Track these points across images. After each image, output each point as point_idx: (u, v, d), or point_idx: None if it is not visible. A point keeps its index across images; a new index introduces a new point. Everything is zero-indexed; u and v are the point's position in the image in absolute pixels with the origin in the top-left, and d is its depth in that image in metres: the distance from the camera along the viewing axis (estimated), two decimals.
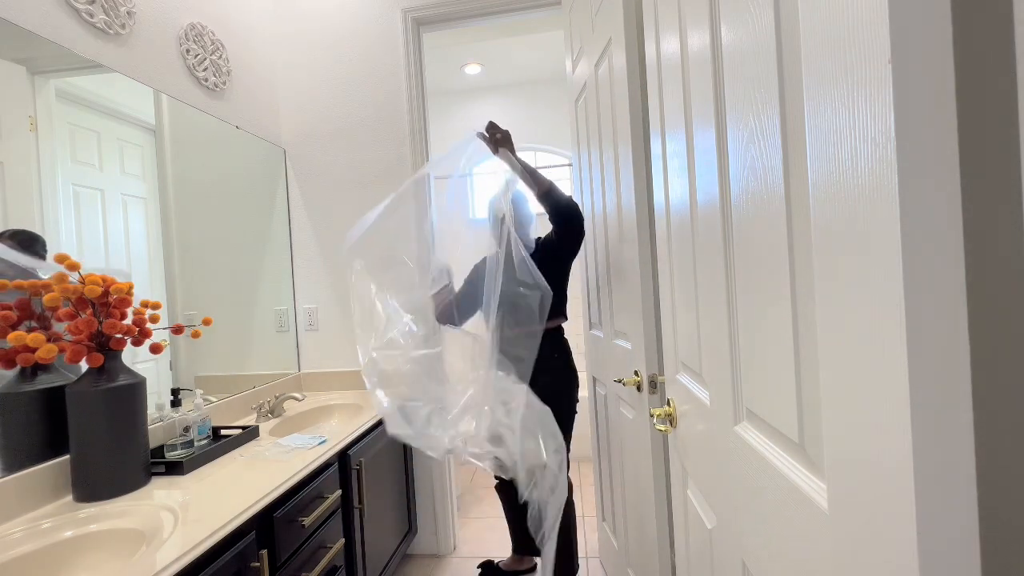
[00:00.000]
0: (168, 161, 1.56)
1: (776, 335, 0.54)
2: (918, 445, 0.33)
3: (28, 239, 1.12)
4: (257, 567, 1.00)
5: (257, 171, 2.01)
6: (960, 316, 0.32)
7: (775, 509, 0.56)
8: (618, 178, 1.36)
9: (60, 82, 1.23)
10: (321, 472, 1.31)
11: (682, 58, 0.80)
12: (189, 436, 1.28)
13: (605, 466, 1.85)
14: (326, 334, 2.15)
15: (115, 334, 1.11)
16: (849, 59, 0.37)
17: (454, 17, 2.08)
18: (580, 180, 1.90)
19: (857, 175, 0.37)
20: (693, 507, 0.91)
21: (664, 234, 0.98)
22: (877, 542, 0.38)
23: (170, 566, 0.80)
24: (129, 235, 1.41)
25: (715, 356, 0.73)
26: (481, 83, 3.98)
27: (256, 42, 2.03)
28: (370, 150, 2.10)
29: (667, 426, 1.01)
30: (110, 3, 1.34)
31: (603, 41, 1.40)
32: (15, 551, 0.90)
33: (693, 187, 0.78)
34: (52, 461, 1.08)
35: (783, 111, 0.49)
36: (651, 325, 1.23)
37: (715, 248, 0.70)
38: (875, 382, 0.37)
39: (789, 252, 0.50)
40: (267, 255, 2.03)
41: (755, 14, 0.53)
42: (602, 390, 1.77)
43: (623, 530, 1.64)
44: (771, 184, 0.52)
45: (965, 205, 0.32)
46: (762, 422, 0.60)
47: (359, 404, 1.87)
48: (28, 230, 1.13)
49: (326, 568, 1.25)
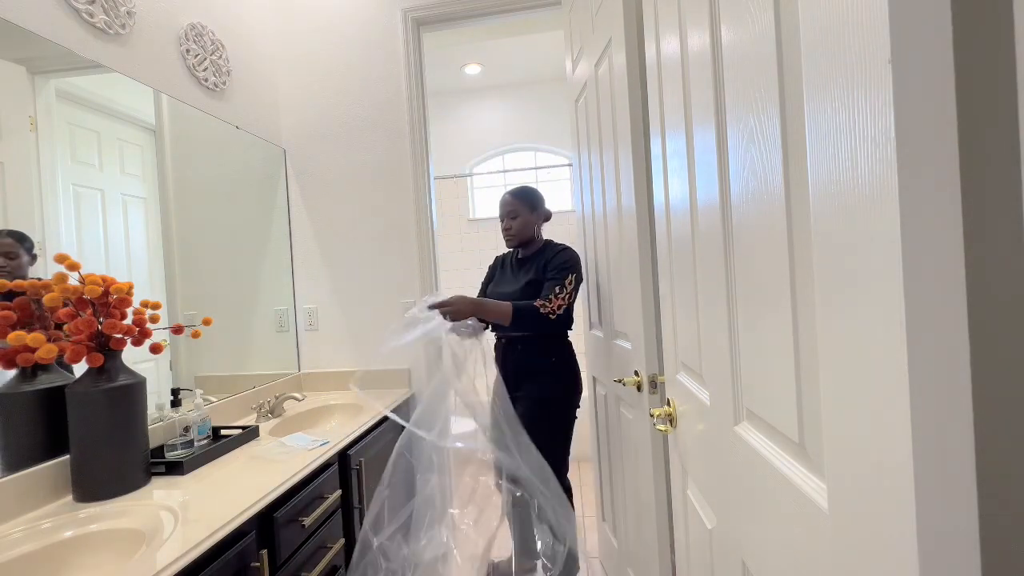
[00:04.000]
0: (168, 161, 1.56)
1: (776, 335, 0.54)
2: (918, 445, 0.33)
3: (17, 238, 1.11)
4: (257, 567, 1.00)
5: (257, 171, 2.01)
6: (960, 316, 0.32)
7: (775, 509, 0.56)
8: (618, 178, 1.36)
9: (60, 82, 1.23)
10: (321, 472, 1.31)
11: (682, 58, 0.80)
12: (189, 436, 1.28)
13: (605, 466, 1.85)
14: (326, 334, 2.15)
15: (115, 334, 1.11)
16: (849, 59, 0.37)
17: (454, 17, 2.08)
18: (580, 180, 1.90)
19: (857, 175, 0.37)
20: (693, 507, 0.91)
21: (664, 234, 0.98)
22: (877, 542, 0.38)
23: (170, 566, 0.80)
24: (129, 235, 1.41)
25: (715, 356, 0.73)
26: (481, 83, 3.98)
27: (256, 42, 2.03)
28: (370, 150, 2.10)
29: (667, 426, 1.01)
30: (110, 3, 1.34)
31: (603, 41, 1.40)
32: (15, 551, 0.90)
33: (693, 187, 0.78)
34: (52, 461, 1.08)
35: (783, 111, 0.49)
36: (651, 325, 1.23)
37: (715, 248, 0.70)
38: (875, 382, 0.37)
39: (789, 252, 0.50)
40: (267, 255, 2.03)
41: (755, 14, 0.54)
42: (602, 390, 1.77)
43: (623, 530, 1.64)
44: (771, 184, 0.52)
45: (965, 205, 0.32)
46: (762, 422, 0.60)
47: (359, 404, 1.87)
48: (17, 230, 1.11)
49: (326, 568, 1.25)
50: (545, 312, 1.58)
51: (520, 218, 1.74)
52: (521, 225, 1.74)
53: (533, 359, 1.68)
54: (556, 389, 1.68)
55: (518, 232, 1.74)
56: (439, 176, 3.00)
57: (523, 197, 1.76)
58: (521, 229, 1.74)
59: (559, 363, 1.68)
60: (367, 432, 1.61)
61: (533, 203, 1.76)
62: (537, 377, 1.68)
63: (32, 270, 1.12)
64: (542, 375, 1.67)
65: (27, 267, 1.11)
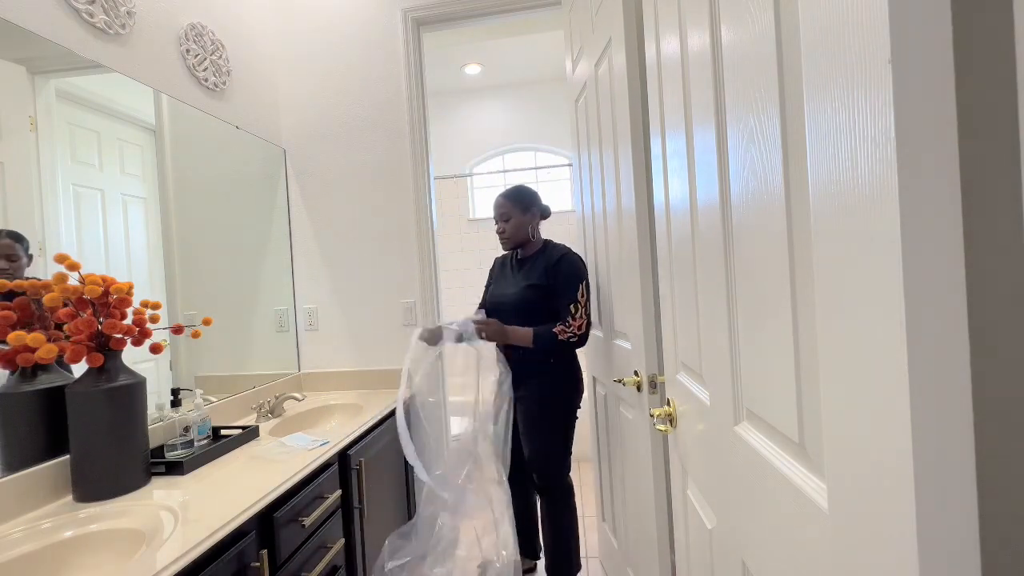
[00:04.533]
0: (168, 161, 1.56)
1: (776, 335, 0.54)
2: (918, 445, 0.33)
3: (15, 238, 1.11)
4: (257, 567, 1.00)
5: (257, 171, 2.01)
6: (960, 316, 0.32)
7: (775, 509, 0.56)
8: (618, 178, 1.36)
9: (60, 82, 1.23)
10: (321, 472, 1.31)
11: (682, 58, 0.80)
12: (189, 436, 1.28)
13: (605, 466, 1.85)
14: (326, 334, 2.15)
15: (115, 334, 1.11)
16: (849, 59, 0.37)
17: (454, 17, 2.08)
18: (580, 180, 1.90)
19: (857, 175, 0.37)
20: (693, 507, 0.91)
21: (664, 234, 0.98)
22: (877, 542, 0.38)
23: (170, 566, 0.80)
24: (129, 235, 1.41)
25: (715, 356, 0.73)
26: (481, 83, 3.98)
27: (256, 42, 2.03)
28: (370, 150, 2.10)
29: (667, 426, 1.01)
30: (110, 3, 1.34)
31: (603, 41, 1.40)
32: (15, 551, 0.90)
33: (693, 187, 0.78)
34: (52, 461, 1.08)
35: (783, 111, 0.49)
36: (651, 325, 1.23)
37: (715, 248, 0.70)
38: (875, 382, 0.37)
39: (789, 252, 0.50)
40: (267, 255, 2.03)
41: (755, 14, 0.54)
42: (602, 390, 1.77)
43: (623, 530, 1.64)
44: (771, 184, 0.52)
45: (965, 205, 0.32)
46: (762, 422, 0.60)
47: (359, 404, 1.87)
48: (14, 231, 1.11)
49: (326, 568, 1.25)
50: (565, 337, 1.59)
51: (513, 220, 1.72)
52: (514, 227, 1.72)
53: (532, 361, 1.68)
54: (555, 389, 1.68)
55: (512, 234, 1.73)
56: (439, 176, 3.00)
57: (514, 198, 1.74)
58: (514, 231, 1.73)
59: (558, 364, 1.68)
60: (367, 432, 1.61)
61: (525, 204, 1.73)
62: (537, 378, 1.68)
63: (31, 270, 1.12)
64: (542, 376, 1.67)
65: (24, 268, 1.11)
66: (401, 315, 2.09)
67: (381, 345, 2.10)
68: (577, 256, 1.70)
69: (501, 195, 1.76)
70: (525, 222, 1.72)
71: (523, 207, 1.73)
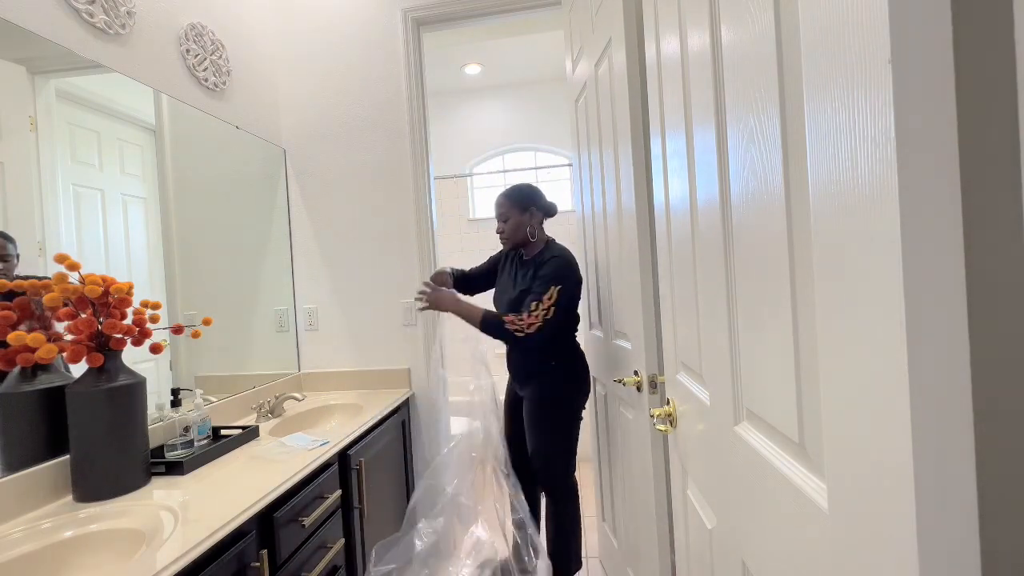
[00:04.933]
0: (168, 161, 1.56)
1: (776, 335, 0.54)
2: (918, 445, 0.33)
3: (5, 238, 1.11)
4: (257, 567, 1.00)
5: (257, 171, 2.01)
6: (960, 316, 0.32)
7: (775, 509, 0.56)
8: (618, 178, 1.36)
9: (60, 82, 1.23)
10: (321, 472, 1.31)
11: (682, 58, 0.80)
12: (189, 436, 1.28)
13: (605, 466, 1.85)
14: (326, 334, 2.15)
15: (115, 334, 1.11)
16: (849, 59, 0.37)
17: (454, 17, 2.08)
18: (580, 180, 1.90)
19: (857, 175, 0.37)
20: (693, 507, 0.91)
21: (664, 234, 0.98)
22: (877, 542, 0.38)
23: (170, 566, 0.80)
24: (129, 235, 1.40)
25: (715, 356, 0.73)
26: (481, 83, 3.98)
27: (256, 42, 2.03)
28: (370, 150, 2.10)
29: (667, 426, 1.01)
30: (110, 3, 1.34)
31: (603, 41, 1.40)
32: (15, 551, 0.90)
33: (693, 187, 0.78)
34: (52, 461, 1.08)
35: (783, 111, 0.49)
36: (651, 325, 1.23)
37: (715, 248, 0.70)
38: (875, 382, 0.37)
39: (789, 252, 0.50)
40: (267, 255, 2.03)
41: (755, 14, 0.54)
42: (602, 390, 1.77)
43: (623, 530, 1.64)
44: (771, 184, 0.52)
45: (965, 205, 0.32)
46: (762, 422, 0.60)
47: (359, 404, 1.87)
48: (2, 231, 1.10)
49: (326, 568, 1.25)
50: (511, 328, 1.53)
51: (511, 220, 1.69)
52: (513, 227, 1.69)
53: (533, 362, 1.67)
54: (557, 390, 1.67)
55: (511, 235, 1.70)
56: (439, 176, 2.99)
57: (513, 197, 1.70)
58: (513, 232, 1.69)
59: (559, 366, 1.67)
60: (367, 432, 1.61)
61: (524, 203, 1.69)
62: (538, 379, 1.68)
63: (31, 270, 1.12)
64: (543, 376, 1.67)
65: (15, 268, 1.10)
66: (401, 315, 2.09)
67: (381, 345, 2.10)
68: (568, 261, 1.64)
69: (501, 194, 1.75)
70: (523, 222, 1.69)
71: (521, 207, 1.69)
